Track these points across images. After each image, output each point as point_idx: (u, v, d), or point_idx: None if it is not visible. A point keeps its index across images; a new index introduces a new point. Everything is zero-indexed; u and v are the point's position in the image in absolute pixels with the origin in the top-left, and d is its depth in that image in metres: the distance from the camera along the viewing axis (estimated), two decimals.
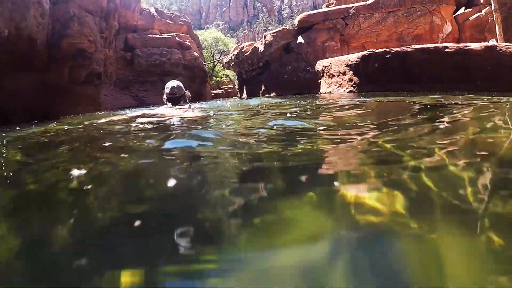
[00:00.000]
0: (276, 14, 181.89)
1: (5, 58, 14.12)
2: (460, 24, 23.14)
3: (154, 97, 27.76)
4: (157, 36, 36.56)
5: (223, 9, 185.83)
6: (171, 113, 5.58)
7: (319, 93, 22.01)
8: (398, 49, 17.24)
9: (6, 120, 15.31)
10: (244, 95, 36.16)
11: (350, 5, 25.41)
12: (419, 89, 15.44)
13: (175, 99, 6.28)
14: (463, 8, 23.27)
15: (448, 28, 22.94)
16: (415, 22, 23.19)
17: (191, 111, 5.86)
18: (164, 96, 6.39)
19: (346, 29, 24.93)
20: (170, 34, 38.14)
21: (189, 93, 6.66)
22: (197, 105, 7.83)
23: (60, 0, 20.05)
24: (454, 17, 23.32)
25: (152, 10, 39.70)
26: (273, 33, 29.08)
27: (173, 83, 6.41)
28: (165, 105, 6.30)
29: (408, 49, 16.68)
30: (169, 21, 41.26)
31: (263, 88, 30.81)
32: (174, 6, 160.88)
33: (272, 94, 28.61)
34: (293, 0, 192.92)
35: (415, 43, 18.96)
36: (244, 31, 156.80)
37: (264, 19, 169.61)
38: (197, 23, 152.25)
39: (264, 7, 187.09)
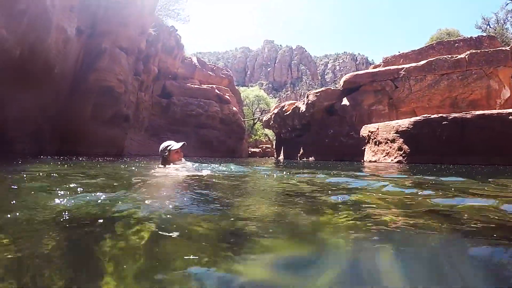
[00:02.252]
0: (319, 78, 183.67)
1: (14, 79, 12.75)
2: None
3: (184, 149, 25.96)
4: (196, 86, 35.75)
5: (268, 69, 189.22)
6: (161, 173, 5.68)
7: (362, 161, 19.85)
8: (457, 115, 15.27)
9: (11, 148, 13.82)
10: (281, 157, 34.16)
11: (401, 66, 23.34)
12: (477, 161, 13.46)
13: (164, 159, 6.47)
14: None
15: (506, 93, 20.63)
16: (471, 86, 20.81)
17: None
18: (162, 156, 6.55)
19: (396, 92, 22.78)
20: (210, 86, 37.18)
21: (179, 150, 6.63)
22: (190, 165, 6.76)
23: (95, 34, 19.02)
24: None
25: (194, 60, 39.21)
26: (317, 92, 27.40)
27: (163, 144, 6.60)
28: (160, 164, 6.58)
29: (468, 115, 14.86)
30: (210, 73, 40.65)
31: (301, 151, 28.76)
32: (220, 62, 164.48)
33: (310, 159, 26.47)
34: (336, 65, 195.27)
35: (471, 110, 16.69)
36: (287, 92, 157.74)
37: (307, 81, 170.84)
38: (241, 81, 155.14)
39: (308, 70, 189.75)
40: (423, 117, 16.11)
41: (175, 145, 6.56)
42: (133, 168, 7.22)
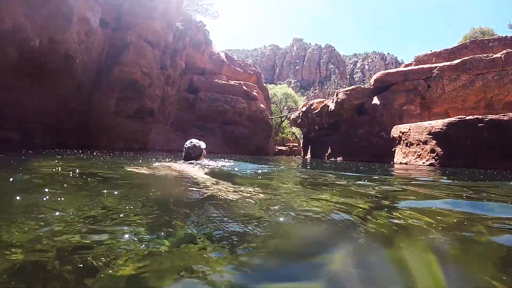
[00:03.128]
0: (348, 77, 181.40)
1: (33, 70, 12.51)
2: None
3: (210, 145, 25.39)
4: (223, 82, 35.31)
5: (297, 67, 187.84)
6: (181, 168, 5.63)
7: (392, 162, 19.06)
8: (493, 116, 14.33)
9: (31, 140, 13.63)
10: (308, 156, 33.45)
11: (434, 65, 22.28)
12: None
13: (190, 158, 6.60)
14: None
15: None
16: (507, 86, 19.57)
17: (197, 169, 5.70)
18: (184, 153, 6.66)
19: (428, 92, 21.76)
20: (238, 82, 36.71)
21: (205, 152, 6.96)
22: (212, 162, 6.96)
23: (120, 27, 18.78)
24: None
25: (222, 55, 38.80)
26: (346, 91, 26.56)
27: (191, 143, 6.69)
28: (182, 161, 6.55)
29: (506, 118, 13.93)
30: (238, 69, 40.16)
31: (329, 150, 27.99)
32: (249, 59, 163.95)
33: (338, 159, 25.71)
34: (365, 64, 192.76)
35: (506, 112, 15.73)
36: (315, 91, 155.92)
37: (336, 81, 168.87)
38: (269, 79, 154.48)
39: (336, 69, 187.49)
40: (458, 118, 15.22)
41: (202, 144, 6.79)
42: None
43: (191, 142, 6.68)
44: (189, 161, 6.46)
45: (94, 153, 10.98)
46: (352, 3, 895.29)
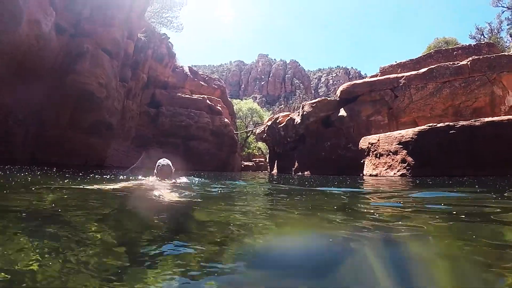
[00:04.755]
0: (313, 92, 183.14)
1: None
2: None
3: (173, 161, 24.52)
4: (186, 96, 34.43)
5: (262, 83, 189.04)
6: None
7: (361, 174, 18.51)
8: (465, 123, 14.05)
9: None
10: (274, 171, 32.76)
11: (400, 75, 22.20)
12: (488, 173, 12.26)
13: (163, 175, 6.90)
14: None
15: (511, 99, 19.59)
16: (474, 93, 19.76)
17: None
18: (155, 171, 6.96)
19: (395, 102, 21.59)
20: (201, 96, 35.87)
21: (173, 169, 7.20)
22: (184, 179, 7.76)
23: (78, 34, 17.79)
24: None
25: (186, 69, 37.97)
26: (312, 103, 26.16)
27: (164, 161, 7.03)
28: (154, 177, 6.93)
29: (477, 123, 13.69)
30: (202, 83, 39.37)
31: (296, 164, 27.35)
32: (215, 75, 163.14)
33: (306, 173, 25.08)
34: (329, 79, 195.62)
35: (475, 118, 15.47)
36: (281, 106, 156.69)
37: (301, 95, 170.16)
38: (235, 94, 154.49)
39: (301, 84, 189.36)
40: (428, 126, 14.90)
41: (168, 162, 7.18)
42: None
43: (164, 160, 7.12)
44: (163, 179, 6.88)
45: (44, 170, 9.97)
46: (316, 19, 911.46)
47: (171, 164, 7.11)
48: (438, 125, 14.67)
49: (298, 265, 2.06)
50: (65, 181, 7.23)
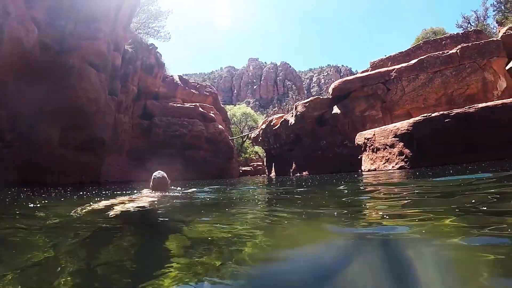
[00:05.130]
0: (306, 92, 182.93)
1: None
2: None
3: (170, 172, 24.08)
4: (178, 105, 34.06)
5: (254, 87, 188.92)
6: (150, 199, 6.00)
7: (360, 170, 18.30)
8: (459, 110, 13.98)
9: None
10: (272, 173, 32.51)
11: (391, 68, 22.14)
12: (487, 158, 12.15)
13: (159, 187, 7.03)
14: None
15: (503, 84, 19.70)
16: (466, 80, 19.81)
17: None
18: (151, 183, 7.07)
19: (388, 95, 21.50)
20: (193, 104, 35.56)
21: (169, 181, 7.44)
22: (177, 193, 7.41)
23: (63, 50, 17.39)
24: (508, 70, 20.02)
25: (176, 78, 37.70)
26: (305, 103, 25.98)
27: (159, 174, 7.14)
28: (149, 190, 7.08)
29: (471, 110, 13.64)
30: (193, 91, 39.13)
31: (293, 166, 27.13)
32: (207, 82, 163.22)
33: (304, 173, 24.85)
34: (321, 78, 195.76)
35: (468, 105, 15.31)
36: (274, 109, 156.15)
37: (294, 97, 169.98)
38: (228, 100, 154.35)
39: (293, 85, 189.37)
40: (423, 116, 14.74)
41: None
42: None
43: (159, 172, 7.22)
44: (160, 191, 6.94)
45: (33, 191, 9.73)
46: (303, 19, 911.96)
47: (166, 176, 7.23)
48: (433, 114, 14.53)
49: None
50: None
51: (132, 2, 23.62)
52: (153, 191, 6.95)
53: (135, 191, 7.94)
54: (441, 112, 14.37)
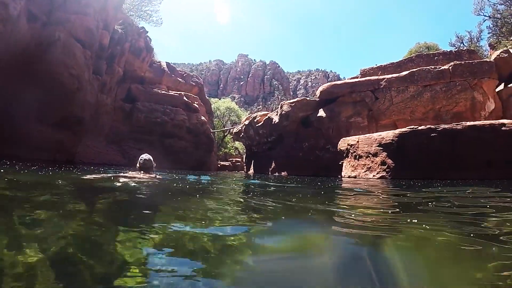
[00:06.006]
0: (291, 93, 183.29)
1: None
2: (504, 100, 19.91)
3: None
4: (163, 92, 33.51)
5: (241, 83, 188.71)
6: (144, 177, 7.22)
7: (339, 176, 18.16)
8: (446, 126, 13.88)
9: None
10: (251, 171, 32.24)
11: (382, 77, 22.02)
12: (470, 176, 12.10)
13: (146, 168, 7.86)
14: (505, 83, 20.25)
15: (491, 105, 19.71)
16: (455, 98, 19.80)
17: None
18: (138, 165, 7.90)
19: (376, 104, 21.40)
20: (178, 92, 35.02)
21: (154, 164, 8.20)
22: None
23: (50, 23, 16.89)
24: (497, 92, 20.15)
25: (164, 64, 37.09)
26: (291, 103, 25.73)
27: (146, 156, 8.00)
28: (137, 172, 7.83)
29: (459, 127, 13.53)
30: (179, 79, 38.58)
31: (273, 165, 26.88)
32: (194, 73, 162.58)
33: (283, 173, 24.64)
34: (308, 81, 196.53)
35: (455, 122, 15.26)
36: (259, 107, 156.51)
37: (279, 97, 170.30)
38: (214, 93, 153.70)
39: (280, 85, 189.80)
40: (409, 128, 14.63)
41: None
42: None
43: (146, 155, 8.04)
44: (145, 173, 7.72)
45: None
46: (297, 21, 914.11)
47: (152, 159, 8.01)
48: (420, 127, 14.42)
49: None
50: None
51: None
52: (140, 172, 7.72)
53: (119, 171, 9.11)
54: (428, 126, 14.26)
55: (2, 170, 7.40)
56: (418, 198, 6.00)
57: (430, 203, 4.69)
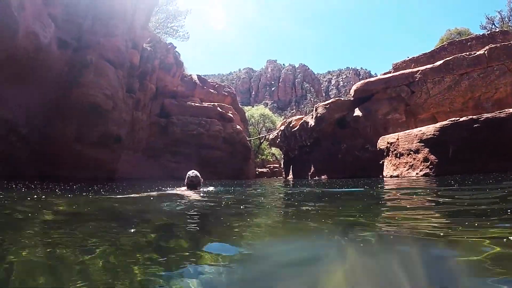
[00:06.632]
0: (324, 94, 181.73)
1: None
2: None
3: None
4: (197, 104, 33.75)
5: (272, 89, 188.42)
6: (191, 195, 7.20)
7: (381, 176, 17.64)
8: (489, 115, 13.26)
9: None
10: (290, 176, 31.95)
11: (416, 69, 21.28)
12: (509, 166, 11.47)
13: (193, 185, 8.00)
14: None
15: None
16: (494, 84, 18.74)
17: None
18: (185, 181, 8.08)
19: (412, 98, 20.70)
20: (212, 104, 35.20)
21: (201, 179, 8.36)
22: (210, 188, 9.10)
23: (81, 47, 17.52)
24: None
25: (195, 77, 37.42)
26: (326, 104, 25.34)
27: (193, 173, 8.10)
28: (185, 188, 8.04)
29: (502, 114, 12.92)
30: (212, 90, 38.81)
31: (312, 169, 26.53)
32: (225, 83, 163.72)
33: (323, 177, 24.26)
34: (340, 81, 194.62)
35: (496, 109, 14.51)
36: (292, 111, 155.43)
37: (312, 99, 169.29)
38: (246, 102, 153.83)
39: (311, 88, 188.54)
40: (450, 121, 14.04)
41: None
42: None
43: (193, 172, 8.14)
44: (192, 189, 7.88)
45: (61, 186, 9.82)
46: (322, 20, 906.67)
47: (198, 175, 8.17)
48: (461, 119, 13.82)
49: None
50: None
51: (150, 0, 23.80)
52: (188, 189, 7.92)
53: (168, 188, 9.32)
54: (470, 117, 13.66)
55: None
56: (486, 200, 5.18)
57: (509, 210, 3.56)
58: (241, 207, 5.39)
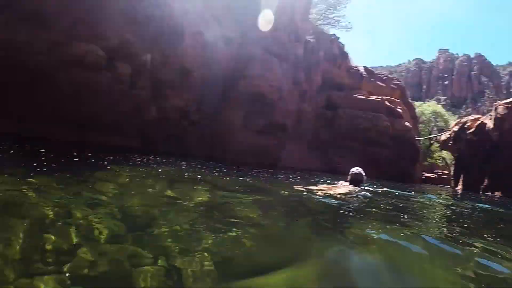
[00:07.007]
0: (504, 91, 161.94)
1: (152, 84, 14.07)
2: None
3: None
4: (363, 97, 32.68)
5: (445, 82, 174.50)
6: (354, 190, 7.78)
7: None
8: None
9: (156, 148, 14.01)
10: (459, 186, 28.84)
11: None
12: None
13: (356, 181, 8.16)
14: None
15: None
16: None
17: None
18: (349, 177, 8.24)
19: None
20: (379, 97, 33.70)
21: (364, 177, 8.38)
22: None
23: (245, 42, 19.29)
24: None
25: (361, 69, 36.39)
26: (508, 103, 22.25)
27: (356, 170, 8.27)
28: (346, 183, 8.25)
29: None
30: (379, 83, 37.30)
31: (486, 181, 23.39)
32: (393, 76, 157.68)
33: (496, 193, 21.20)
34: None
35: None
36: (468, 109, 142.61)
37: (490, 96, 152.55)
38: (416, 96, 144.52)
39: (490, 82, 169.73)
40: None
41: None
42: None
43: (357, 169, 8.24)
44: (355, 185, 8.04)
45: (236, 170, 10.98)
46: (500, 3, 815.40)
47: (362, 172, 8.19)
48: None
49: None
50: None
51: None
52: (350, 184, 8.09)
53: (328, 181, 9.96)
54: None
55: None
56: None
57: None
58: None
